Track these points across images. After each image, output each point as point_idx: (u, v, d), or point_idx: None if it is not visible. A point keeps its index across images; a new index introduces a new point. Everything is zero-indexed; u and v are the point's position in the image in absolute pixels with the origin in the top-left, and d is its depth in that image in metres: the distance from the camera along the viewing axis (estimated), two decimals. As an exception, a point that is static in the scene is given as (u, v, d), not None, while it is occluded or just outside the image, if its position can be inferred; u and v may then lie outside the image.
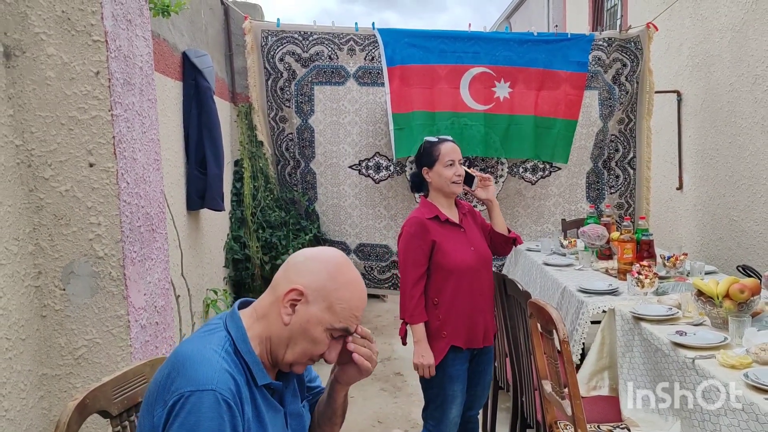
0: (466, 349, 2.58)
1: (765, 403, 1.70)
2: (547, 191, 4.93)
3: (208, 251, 3.87)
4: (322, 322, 1.32)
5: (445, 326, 2.54)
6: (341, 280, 1.34)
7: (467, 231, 2.63)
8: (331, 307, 1.32)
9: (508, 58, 4.65)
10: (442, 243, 2.54)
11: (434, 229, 2.55)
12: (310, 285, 1.32)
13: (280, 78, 4.73)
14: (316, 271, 1.34)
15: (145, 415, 1.27)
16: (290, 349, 1.34)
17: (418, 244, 2.53)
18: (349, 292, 1.34)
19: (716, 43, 4.62)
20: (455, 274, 2.53)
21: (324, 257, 1.37)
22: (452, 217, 2.62)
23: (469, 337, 2.57)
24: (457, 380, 2.57)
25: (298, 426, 1.47)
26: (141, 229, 1.95)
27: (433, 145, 2.63)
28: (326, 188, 4.82)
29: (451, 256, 2.53)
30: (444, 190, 2.61)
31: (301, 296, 1.32)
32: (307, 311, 1.32)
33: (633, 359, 2.54)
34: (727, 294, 2.36)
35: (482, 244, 2.67)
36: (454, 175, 2.58)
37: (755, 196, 4.17)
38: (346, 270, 1.37)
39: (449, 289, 2.54)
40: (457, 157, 2.61)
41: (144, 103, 2.02)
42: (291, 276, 1.34)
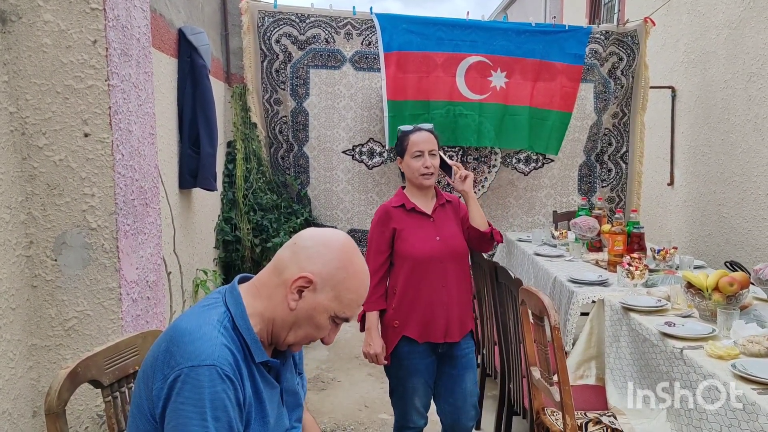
0: (424, 343, 2.48)
1: (752, 393, 1.72)
2: (540, 182, 4.94)
3: (199, 231, 3.85)
4: (328, 310, 1.32)
5: (397, 315, 2.48)
6: (351, 270, 1.34)
7: (437, 221, 2.52)
8: (338, 296, 1.32)
9: (506, 48, 4.65)
10: (402, 231, 2.48)
11: (398, 217, 2.49)
12: (320, 273, 1.31)
13: (275, 60, 4.69)
14: (328, 260, 1.32)
15: (142, 387, 1.27)
16: (293, 332, 1.34)
17: (380, 230, 2.49)
18: (356, 283, 1.35)
19: (712, 40, 4.64)
20: (411, 263, 2.46)
21: (336, 244, 1.35)
22: (423, 207, 2.52)
23: (425, 330, 2.47)
24: (416, 374, 2.50)
25: (293, 403, 1.47)
26: (135, 202, 1.93)
27: (405, 135, 2.54)
28: (319, 172, 4.81)
29: (409, 243, 2.47)
30: (413, 181, 2.52)
31: (309, 284, 1.31)
32: (314, 299, 1.31)
33: (620, 349, 2.56)
34: (716, 287, 2.38)
35: (455, 237, 2.54)
36: (421, 167, 2.46)
37: (745, 193, 4.20)
38: (356, 259, 1.36)
39: (405, 277, 2.47)
40: (426, 147, 2.47)
41: (141, 75, 2.00)
42: (301, 262, 1.32)
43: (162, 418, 1.21)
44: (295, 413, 1.50)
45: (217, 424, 1.19)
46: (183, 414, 1.18)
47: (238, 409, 1.24)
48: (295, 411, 1.50)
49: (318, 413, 3.64)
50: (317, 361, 4.48)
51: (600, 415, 2.34)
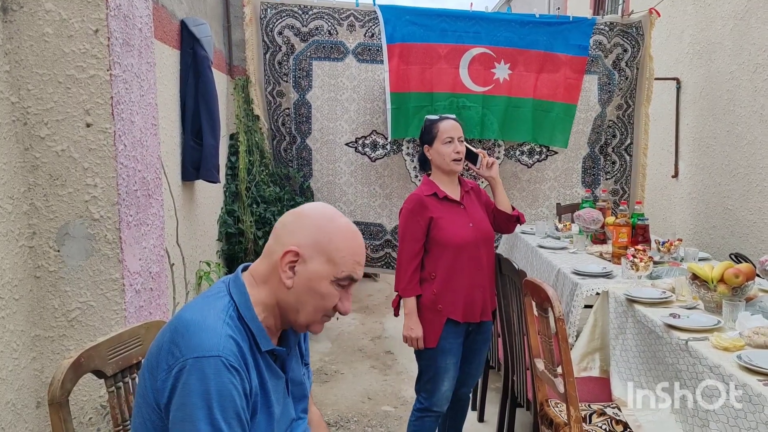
0: (463, 323, 2.61)
1: (758, 384, 1.71)
2: (543, 175, 4.92)
3: (202, 224, 3.84)
4: (326, 276, 1.31)
5: (440, 300, 2.58)
6: (333, 229, 1.32)
7: (468, 208, 2.66)
8: (330, 258, 1.31)
9: (509, 40, 4.62)
10: (439, 219, 2.57)
11: (432, 206, 2.59)
12: (304, 243, 1.30)
13: (278, 52, 4.67)
14: (307, 229, 1.32)
15: (147, 377, 1.26)
16: (301, 310, 1.33)
17: (416, 220, 2.58)
18: (344, 240, 1.32)
19: (718, 31, 4.60)
20: (451, 249, 2.56)
21: (310, 212, 1.35)
22: (452, 195, 2.64)
23: (466, 311, 2.60)
24: (450, 353, 2.60)
25: (299, 393, 1.47)
26: (137, 193, 1.92)
27: (433, 123, 2.67)
28: (322, 165, 4.79)
29: (448, 231, 2.56)
30: (443, 168, 2.63)
31: (297, 257, 1.30)
32: (307, 269, 1.30)
33: (626, 341, 2.55)
34: (721, 278, 2.37)
35: (483, 222, 2.69)
36: (452, 153, 2.60)
37: (751, 185, 4.18)
38: (336, 218, 1.35)
39: (445, 263, 2.57)
40: (456, 134, 2.62)
41: (143, 65, 1.98)
42: (283, 239, 1.32)
43: (167, 409, 1.21)
44: (301, 404, 1.49)
45: (224, 414, 1.18)
46: (189, 405, 1.17)
47: (244, 399, 1.23)
48: (302, 402, 1.50)
49: (321, 405, 3.64)
50: (320, 354, 4.49)
51: (604, 406, 2.34)
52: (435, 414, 2.66)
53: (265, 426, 1.30)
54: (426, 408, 2.64)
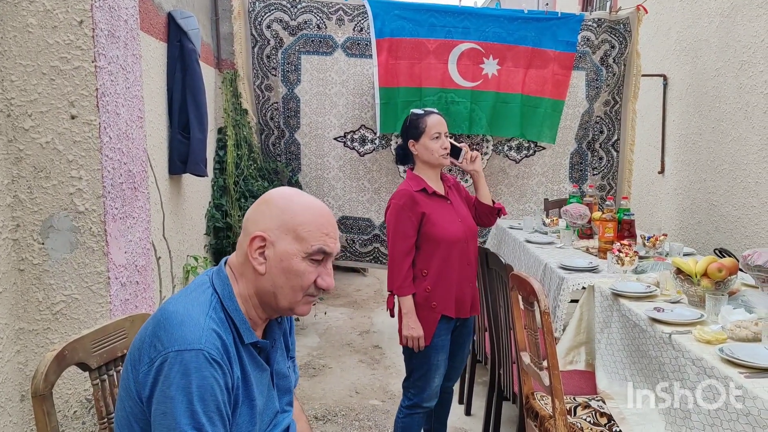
0: (450, 320, 2.61)
1: (739, 377, 1.74)
2: (531, 170, 4.94)
3: (189, 218, 3.83)
4: (296, 253, 1.30)
5: (433, 297, 2.56)
6: (295, 207, 1.32)
7: (453, 203, 2.66)
8: (297, 235, 1.30)
9: (498, 35, 4.63)
10: (431, 215, 2.56)
11: (423, 202, 2.57)
12: (269, 226, 1.30)
13: (266, 45, 4.65)
14: (269, 212, 1.32)
15: (129, 370, 1.26)
16: (279, 293, 1.32)
17: (408, 216, 2.54)
18: (308, 215, 1.32)
19: (704, 28, 4.64)
20: (444, 245, 2.56)
21: (269, 197, 1.36)
22: (439, 190, 2.64)
23: (458, 306, 2.61)
24: (441, 350, 2.61)
25: (284, 385, 1.47)
26: (123, 186, 1.91)
27: (420, 118, 2.64)
28: (310, 159, 4.79)
29: (440, 227, 2.56)
30: (431, 162, 2.63)
31: (264, 241, 1.30)
32: (276, 251, 1.30)
33: (611, 335, 2.57)
34: (705, 273, 2.39)
35: (468, 217, 2.71)
36: (440, 148, 2.60)
37: (735, 181, 4.22)
38: (296, 197, 1.35)
39: (438, 260, 2.56)
40: (443, 129, 2.63)
41: (128, 57, 1.97)
42: (249, 229, 1.33)
43: (149, 401, 1.20)
44: (287, 397, 1.50)
45: (204, 408, 1.18)
46: (170, 398, 1.17)
47: (226, 393, 1.23)
48: (287, 395, 1.50)
49: (309, 399, 3.65)
50: (308, 348, 4.49)
51: (589, 399, 2.36)
52: (424, 410, 2.66)
53: (248, 418, 1.30)
54: (415, 404, 2.63)
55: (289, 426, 1.50)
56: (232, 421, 1.27)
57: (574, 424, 2.15)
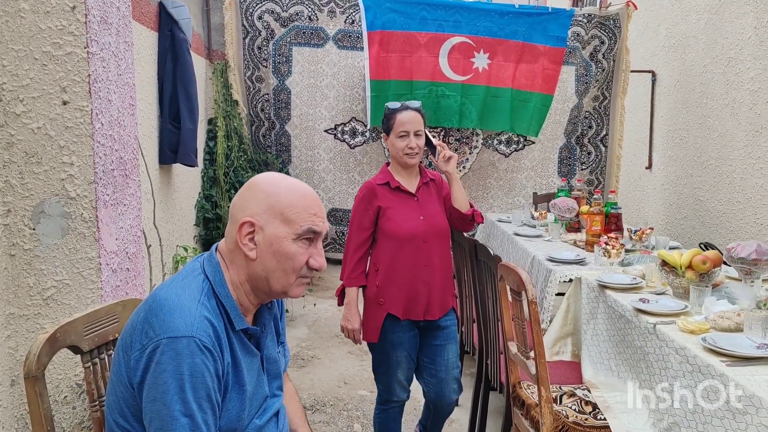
0: (406, 320, 2.52)
1: (721, 365, 1.77)
2: (520, 164, 4.97)
3: (179, 208, 3.83)
4: (285, 236, 1.31)
5: (382, 293, 2.50)
6: (280, 191, 1.33)
7: (421, 200, 2.56)
8: (285, 218, 1.31)
9: (489, 29, 4.65)
10: (387, 209, 2.50)
11: (382, 195, 2.52)
12: (256, 212, 1.31)
13: (258, 37, 4.65)
14: (255, 198, 1.33)
15: (121, 355, 1.27)
16: (272, 277, 1.33)
17: (365, 207, 2.52)
18: (293, 197, 1.33)
19: (693, 25, 4.68)
20: (396, 241, 2.49)
21: (254, 182, 1.36)
22: (407, 185, 2.55)
23: (407, 307, 2.51)
24: (400, 347, 2.53)
25: (274, 370, 1.49)
26: (114, 172, 1.92)
27: (392, 113, 2.54)
28: (301, 151, 4.79)
29: (393, 222, 2.49)
30: (398, 160, 2.55)
31: (253, 226, 1.31)
32: (266, 236, 1.31)
33: (597, 326, 2.61)
34: (689, 265, 2.43)
35: (437, 216, 2.58)
36: (406, 147, 2.48)
37: (721, 176, 4.28)
38: (280, 181, 1.36)
39: (389, 255, 2.50)
40: (412, 128, 2.48)
41: (120, 44, 1.97)
42: (236, 216, 1.34)
43: (140, 387, 1.22)
44: (277, 381, 1.51)
45: (195, 394, 1.20)
46: (161, 384, 1.19)
47: (216, 381, 1.24)
48: (277, 379, 1.51)
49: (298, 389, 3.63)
50: (297, 339, 4.51)
51: (574, 388, 2.39)
52: (396, 404, 2.63)
53: (237, 403, 1.32)
54: (386, 400, 2.62)
55: (279, 410, 1.52)
56: (221, 407, 1.28)
57: (559, 412, 2.18)
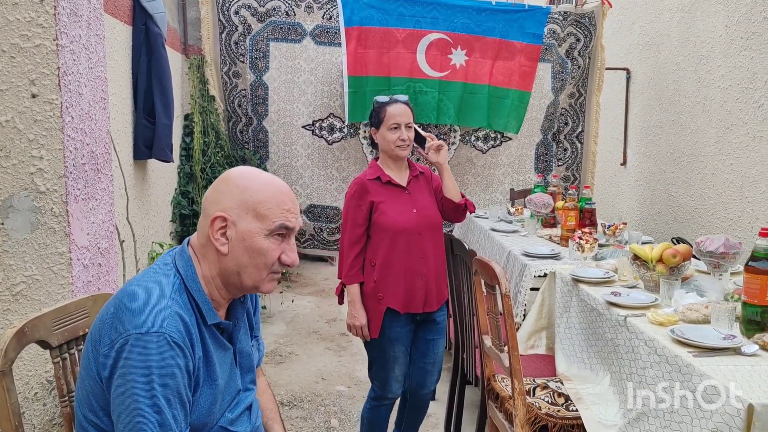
0: (405, 314, 2.55)
1: (688, 356, 1.81)
2: (497, 161, 5.01)
3: (155, 204, 3.79)
4: (258, 231, 1.31)
5: (380, 288, 2.52)
6: (254, 186, 1.33)
7: (413, 193, 2.59)
8: (257, 213, 1.31)
9: (466, 26, 4.67)
10: (380, 204, 2.52)
11: (374, 190, 2.53)
12: (228, 206, 1.31)
13: (234, 32, 4.62)
14: (227, 192, 1.32)
15: (90, 349, 1.27)
16: (244, 272, 1.33)
17: (357, 203, 2.53)
18: (267, 192, 1.33)
19: (666, 23, 4.75)
20: (391, 235, 2.51)
21: (228, 176, 1.36)
22: (398, 179, 2.58)
23: (407, 300, 2.54)
24: (398, 342, 2.56)
25: (247, 364, 1.49)
26: (86, 167, 1.90)
27: (381, 106, 2.57)
28: (278, 147, 4.77)
29: (388, 216, 2.51)
30: (388, 153, 2.57)
31: (225, 221, 1.31)
32: (238, 231, 1.31)
33: (570, 319, 2.64)
34: (660, 259, 2.47)
35: (429, 208, 2.62)
36: (397, 140, 2.51)
37: (693, 172, 4.35)
38: (253, 175, 1.36)
39: (385, 250, 2.52)
40: (403, 120, 2.52)
41: (91, 37, 1.95)
42: (208, 210, 1.33)
43: (109, 382, 1.21)
44: (249, 375, 1.51)
45: (164, 390, 1.19)
46: (130, 380, 1.18)
47: (186, 376, 1.24)
48: (250, 373, 1.51)
49: (275, 386, 3.66)
50: (275, 336, 4.50)
51: (548, 380, 2.42)
52: (390, 400, 2.64)
53: (209, 397, 1.32)
54: (380, 396, 2.62)
55: (252, 404, 1.52)
56: (192, 402, 1.28)
57: (532, 404, 2.21)
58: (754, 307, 1.91)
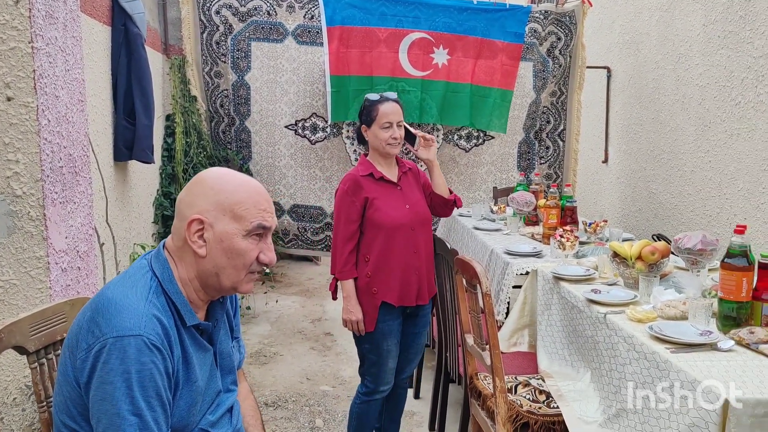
0: (398, 306, 2.60)
1: (665, 352, 1.83)
2: (480, 159, 5.03)
3: (137, 205, 3.77)
4: (236, 232, 1.31)
5: (375, 282, 2.56)
6: (229, 187, 1.33)
7: (404, 189, 2.64)
8: (234, 214, 1.31)
9: (448, 25, 4.69)
10: (374, 200, 2.55)
11: (368, 186, 2.57)
12: (205, 208, 1.30)
13: (215, 31, 4.60)
14: (202, 193, 1.32)
15: (67, 355, 1.26)
16: (222, 274, 1.33)
17: (351, 200, 2.55)
18: (242, 193, 1.33)
19: (645, 22, 4.80)
20: (386, 231, 2.55)
21: (202, 178, 1.36)
22: (389, 175, 2.62)
23: (401, 294, 2.58)
24: (390, 335, 2.60)
25: (227, 365, 1.49)
26: (63, 170, 1.88)
27: (373, 104, 2.60)
28: (261, 147, 4.76)
29: (383, 212, 2.55)
30: (380, 151, 2.61)
31: (202, 224, 1.30)
32: (216, 233, 1.31)
33: (551, 316, 2.66)
34: (639, 256, 2.50)
35: (420, 204, 2.67)
36: (389, 138, 2.56)
37: (673, 170, 4.40)
38: (229, 177, 1.36)
39: (380, 245, 2.55)
40: (395, 118, 2.57)
41: (68, 39, 1.93)
42: (184, 213, 1.32)
43: (87, 387, 1.20)
44: (230, 376, 1.51)
45: (144, 393, 1.19)
46: (109, 384, 1.17)
47: (166, 378, 1.23)
48: (231, 374, 1.51)
49: (259, 386, 3.65)
50: (259, 336, 4.49)
51: (529, 378, 2.44)
52: (380, 394, 2.66)
53: (189, 399, 1.32)
54: (372, 391, 2.64)
55: (233, 406, 1.52)
56: (172, 404, 1.28)
57: (514, 402, 2.23)
58: (730, 303, 1.94)
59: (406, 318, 2.68)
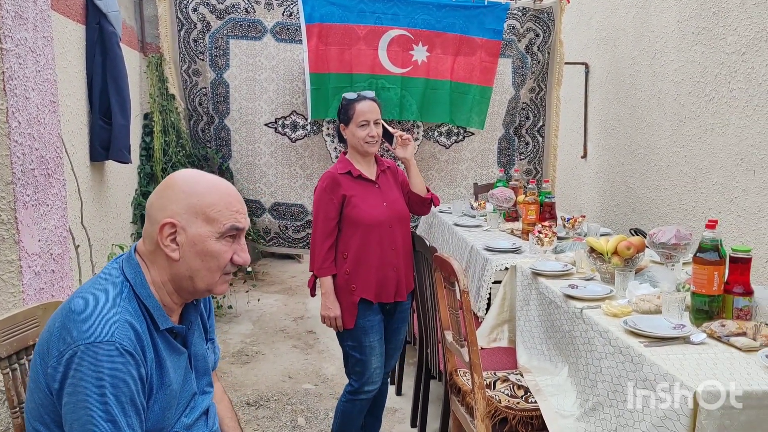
0: (377, 303, 2.63)
1: (639, 346, 1.86)
2: (461, 156, 5.05)
3: (114, 206, 3.73)
4: (209, 235, 1.31)
5: (353, 279, 2.58)
6: (200, 189, 1.32)
7: (382, 187, 2.67)
8: (207, 217, 1.30)
9: (427, 22, 4.69)
10: (352, 197, 2.58)
11: (346, 184, 2.59)
12: (176, 212, 1.30)
13: (193, 29, 4.56)
14: (173, 197, 1.31)
15: (38, 362, 1.25)
16: (196, 276, 1.33)
17: (329, 197, 2.58)
18: (214, 195, 1.32)
19: (622, 18, 4.84)
20: (363, 228, 2.57)
21: (172, 181, 1.35)
22: (367, 173, 2.65)
23: (379, 291, 2.61)
24: (372, 331, 2.62)
25: (202, 367, 1.48)
26: (35, 172, 1.86)
27: (350, 103, 2.63)
28: (241, 146, 4.73)
29: (360, 209, 2.57)
30: (358, 149, 2.64)
31: (174, 227, 1.29)
32: (188, 236, 1.30)
33: (529, 312, 2.69)
34: (615, 251, 2.53)
35: (398, 202, 2.71)
36: (367, 136, 2.59)
37: (650, 164, 4.45)
38: (199, 179, 1.35)
39: (357, 243, 2.58)
40: (372, 117, 2.60)
41: (38, 39, 1.91)
42: (155, 216, 1.31)
43: (59, 394, 1.19)
44: (206, 378, 1.51)
45: (117, 399, 1.18)
46: (81, 391, 1.17)
47: (140, 384, 1.23)
48: (206, 376, 1.51)
49: (241, 386, 3.65)
50: (241, 335, 4.48)
51: (508, 373, 2.46)
52: (367, 394, 2.66)
53: (163, 402, 1.31)
54: (358, 390, 2.65)
55: (209, 408, 1.52)
56: (147, 409, 1.27)
57: (492, 397, 2.25)
58: (702, 297, 1.98)
59: (385, 315, 2.71)
